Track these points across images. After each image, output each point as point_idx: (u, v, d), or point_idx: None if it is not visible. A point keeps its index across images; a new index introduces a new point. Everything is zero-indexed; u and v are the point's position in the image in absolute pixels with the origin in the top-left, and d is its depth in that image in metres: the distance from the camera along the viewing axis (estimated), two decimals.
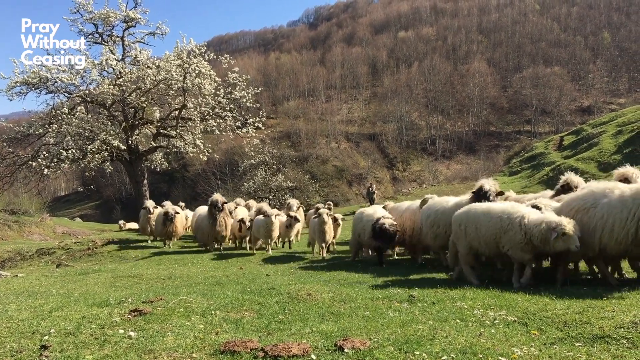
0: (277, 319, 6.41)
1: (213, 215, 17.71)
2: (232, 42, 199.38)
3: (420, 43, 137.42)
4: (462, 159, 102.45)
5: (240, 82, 26.61)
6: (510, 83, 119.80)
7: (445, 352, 4.69)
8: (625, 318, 5.60)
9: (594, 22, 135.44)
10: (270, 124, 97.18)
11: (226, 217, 18.09)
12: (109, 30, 26.00)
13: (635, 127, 39.99)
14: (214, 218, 17.71)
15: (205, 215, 18.45)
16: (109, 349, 5.01)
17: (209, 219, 17.93)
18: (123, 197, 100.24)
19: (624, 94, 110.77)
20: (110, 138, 23.20)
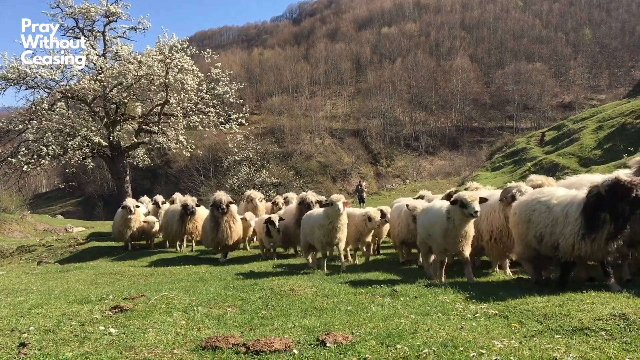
0: (260, 314, 6.41)
1: (215, 218, 14.49)
2: (215, 38, 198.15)
3: (404, 39, 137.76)
4: (445, 155, 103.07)
5: (224, 78, 26.48)
6: (492, 79, 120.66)
7: (427, 345, 4.72)
8: (604, 310, 5.67)
9: (575, 18, 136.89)
10: (254, 120, 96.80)
11: (232, 222, 14.78)
12: (90, 25, 25.69)
13: (615, 123, 40.47)
14: (217, 222, 14.48)
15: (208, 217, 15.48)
16: (89, 345, 4.96)
17: (210, 222, 14.86)
18: (105, 193, 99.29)
19: (605, 90, 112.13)
20: (91, 134, 22.96)
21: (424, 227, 9.46)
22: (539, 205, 7.78)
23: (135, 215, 18.12)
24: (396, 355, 4.47)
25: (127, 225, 17.98)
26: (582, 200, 7.05)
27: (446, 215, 8.58)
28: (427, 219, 9.41)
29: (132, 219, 18.02)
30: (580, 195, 7.18)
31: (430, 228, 9.19)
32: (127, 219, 17.98)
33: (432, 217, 9.21)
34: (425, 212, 9.78)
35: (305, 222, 12.15)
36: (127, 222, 17.95)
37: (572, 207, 7.16)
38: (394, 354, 4.52)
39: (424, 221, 9.57)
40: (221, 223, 14.55)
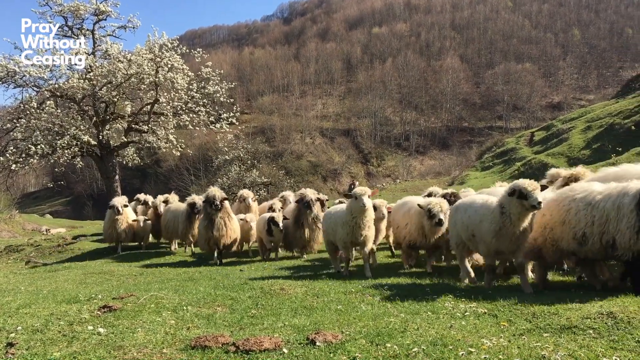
0: (250, 313, 6.39)
1: (209, 215, 13.74)
2: (205, 37, 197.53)
3: (394, 39, 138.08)
4: (435, 155, 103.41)
5: (214, 77, 26.36)
6: (482, 79, 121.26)
7: (416, 344, 4.73)
8: (592, 309, 5.71)
9: (564, 19, 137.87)
10: (245, 119, 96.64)
11: (228, 219, 13.91)
12: (79, 24, 25.49)
13: (603, 123, 40.82)
14: (210, 219, 13.69)
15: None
16: (77, 345, 4.93)
17: (203, 220, 14.09)
18: (94, 193, 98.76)
19: (593, 91, 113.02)
20: (80, 133, 22.77)
21: (465, 225, 8.26)
22: (575, 203, 7.14)
23: (123, 216, 17.35)
24: (386, 354, 4.48)
25: (115, 226, 17.21)
26: (637, 191, 6.47)
27: (499, 210, 7.42)
28: (470, 215, 8.14)
29: (119, 219, 17.22)
30: (631, 187, 6.63)
31: (475, 226, 7.95)
32: (114, 219, 17.23)
33: (477, 213, 7.96)
34: (464, 208, 8.50)
35: (327, 220, 10.98)
36: (115, 222, 17.20)
37: (625, 199, 6.58)
38: (384, 352, 4.53)
39: (464, 219, 8.29)
40: (215, 220, 13.60)
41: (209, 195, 13.74)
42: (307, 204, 13.08)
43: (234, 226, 14.12)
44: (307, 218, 13.49)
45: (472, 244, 8.30)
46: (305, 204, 13.11)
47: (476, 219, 7.93)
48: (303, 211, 13.17)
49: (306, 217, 13.48)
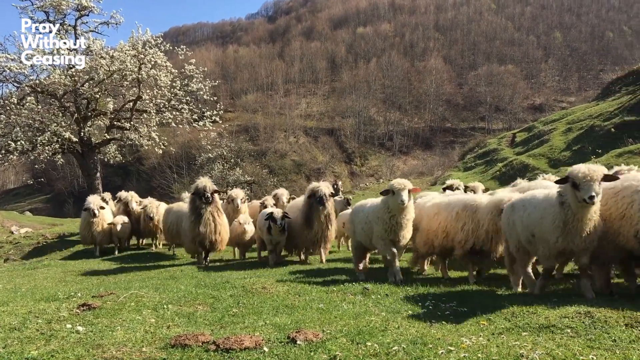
0: (231, 312, 6.38)
1: (197, 209, 12.31)
2: (189, 34, 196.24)
3: (379, 39, 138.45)
4: (418, 155, 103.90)
5: (197, 75, 26.22)
6: (465, 80, 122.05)
7: (397, 342, 4.76)
8: (569, 308, 5.79)
9: (546, 22, 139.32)
10: (228, 117, 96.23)
11: (217, 214, 12.50)
12: (61, 19, 25.18)
13: (584, 125, 41.28)
14: (198, 214, 12.26)
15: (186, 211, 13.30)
16: (55, 344, 4.88)
17: (190, 215, 12.55)
18: (75, 190, 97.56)
19: (574, 93, 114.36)
20: (61, 130, 22.53)
21: (525, 225, 7.05)
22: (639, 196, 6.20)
23: (99, 219, 16.20)
24: (366, 353, 4.50)
25: (91, 229, 16.17)
26: None
27: (559, 202, 6.39)
28: (530, 213, 6.96)
29: (95, 222, 16.11)
30: None
31: (536, 225, 6.79)
32: (89, 222, 16.13)
33: (537, 209, 6.80)
34: (522, 206, 7.26)
35: (356, 216, 9.80)
36: (90, 225, 16.12)
37: None
38: (364, 351, 4.55)
39: (524, 217, 7.07)
40: (204, 215, 12.16)
41: (198, 186, 12.21)
42: (321, 199, 11.43)
43: (225, 223, 12.77)
44: (319, 216, 11.73)
45: (532, 247, 7.06)
46: (319, 200, 11.45)
47: (536, 216, 6.78)
48: (315, 207, 11.56)
49: (318, 214, 11.70)
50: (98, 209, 16.09)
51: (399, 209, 8.43)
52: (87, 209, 16.10)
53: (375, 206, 9.15)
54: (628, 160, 24.60)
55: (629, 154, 25.76)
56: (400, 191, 8.23)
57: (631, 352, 4.28)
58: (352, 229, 10.10)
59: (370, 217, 9.12)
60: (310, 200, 11.69)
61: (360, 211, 9.70)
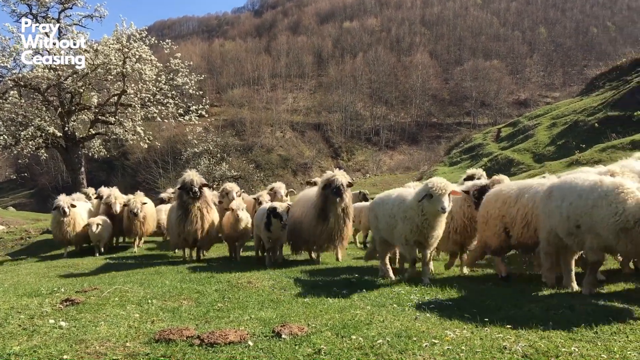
0: (216, 307, 6.37)
1: (184, 204, 11.57)
2: (174, 28, 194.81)
3: (365, 34, 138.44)
4: (404, 150, 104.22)
5: (183, 69, 26.07)
6: (451, 75, 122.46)
7: (381, 335, 4.77)
8: (552, 301, 5.86)
9: (531, 17, 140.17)
10: (214, 112, 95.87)
11: (207, 210, 11.77)
12: (44, 12, 24.90)
13: (568, 120, 41.65)
14: (185, 209, 11.55)
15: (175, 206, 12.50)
16: (38, 339, 4.84)
17: (176, 211, 11.88)
18: (59, 185, 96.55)
19: (559, 88, 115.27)
20: (45, 124, 22.33)
21: (566, 216, 6.41)
22: None
23: (70, 218, 14.73)
24: (351, 346, 4.51)
25: (61, 229, 14.74)
26: None
27: None
28: (572, 202, 6.27)
29: (65, 222, 14.65)
30: None
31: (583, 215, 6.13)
32: (60, 221, 14.67)
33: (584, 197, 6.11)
34: (561, 195, 6.59)
35: (380, 209, 8.66)
36: (60, 225, 14.69)
37: None
38: (349, 344, 4.56)
39: (564, 207, 6.41)
40: (192, 211, 11.43)
41: (185, 180, 11.42)
42: (338, 190, 10.15)
43: (214, 219, 12.06)
44: (336, 208, 10.50)
45: (574, 240, 6.41)
46: (335, 190, 10.17)
47: (584, 205, 6.12)
48: (331, 199, 10.30)
49: (335, 207, 10.47)
50: (68, 207, 14.69)
51: (437, 215, 7.39)
52: (57, 208, 14.67)
53: (402, 200, 7.92)
54: (611, 154, 24.88)
55: (612, 149, 26.05)
56: (441, 197, 7.07)
57: (613, 344, 4.33)
58: (374, 223, 9.01)
59: (395, 211, 8.02)
60: (325, 192, 10.40)
61: (385, 203, 8.53)
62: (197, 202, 11.53)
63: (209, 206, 11.82)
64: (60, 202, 14.64)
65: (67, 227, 14.73)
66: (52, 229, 15.76)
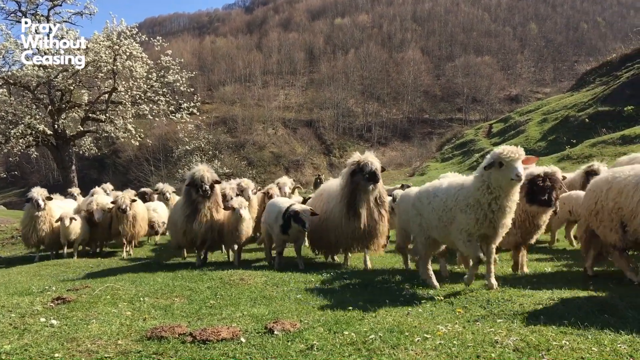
0: (208, 304, 6.35)
1: (192, 203, 10.36)
2: (165, 25, 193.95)
3: (357, 30, 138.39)
4: (396, 146, 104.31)
5: (174, 66, 26.00)
6: (443, 72, 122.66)
7: (374, 331, 4.78)
8: (543, 295, 5.89)
9: (522, 13, 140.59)
10: (206, 109, 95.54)
11: (216, 210, 10.59)
12: (33, 9, 24.75)
13: (559, 116, 41.79)
14: (194, 209, 10.34)
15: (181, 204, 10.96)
16: (29, 337, 4.81)
17: (183, 209, 10.58)
18: (50, 183, 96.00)
19: (549, 84, 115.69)
20: (35, 122, 22.24)
21: None
22: None
23: (46, 213, 12.97)
24: (343, 341, 4.52)
25: (35, 226, 12.82)
26: None
27: None
28: None
29: (40, 217, 12.79)
30: None
31: None
32: (33, 216, 12.79)
33: None
34: None
35: (426, 202, 7.17)
36: (34, 220, 12.79)
37: None
38: (341, 340, 4.57)
39: None
40: (201, 210, 10.26)
41: (195, 176, 10.25)
42: (373, 175, 8.43)
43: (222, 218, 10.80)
44: (368, 199, 8.79)
45: None
46: (369, 176, 8.44)
47: None
48: (362, 188, 8.56)
49: (367, 197, 8.76)
50: (43, 199, 12.86)
51: (510, 186, 6.07)
52: (30, 199, 12.80)
53: (459, 187, 6.70)
54: (602, 149, 25.03)
55: (602, 144, 26.19)
56: (514, 162, 5.94)
57: (603, 337, 4.36)
58: (416, 221, 7.51)
59: (452, 202, 6.66)
60: (354, 179, 8.65)
61: (433, 195, 7.10)
62: (207, 202, 10.36)
63: (219, 206, 10.69)
64: (34, 194, 12.80)
65: (41, 224, 12.85)
66: (22, 226, 13.53)
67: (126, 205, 13.21)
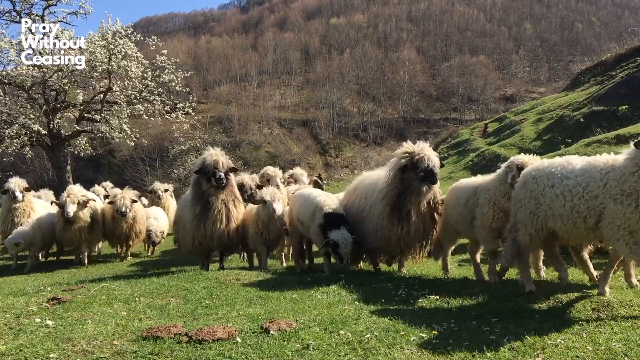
0: (204, 304, 6.34)
1: (203, 196, 8.72)
2: (160, 24, 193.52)
3: (352, 30, 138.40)
4: (392, 146, 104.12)
5: (169, 66, 25.96)
6: (438, 71, 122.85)
7: (369, 330, 4.79)
8: (539, 294, 5.91)
9: (517, 12, 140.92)
10: (201, 109, 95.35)
11: (235, 204, 8.97)
12: (28, 8, 24.73)
13: (554, 115, 41.87)
14: (206, 203, 8.70)
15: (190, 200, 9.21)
16: (24, 338, 4.79)
17: (193, 204, 8.94)
18: (45, 184, 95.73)
19: (544, 83, 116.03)
20: (30, 122, 22.18)
21: None
22: None
23: (25, 204, 11.94)
24: (339, 341, 4.53)
25: (13, 220, 11.74)
26: None
27: None
28: None
29: (18, 208, 11.75)
30: None
31: None
32: (11, 209, 11.75)
33: None
34: None
35: (547, 181, 5.79)
36: (12, 213, 11.75)
37: None
38: (337, 339, 4.57)
39: None
40: (214, 205, 8.58)
41: (206, 162, 8.58)
42: (431, 174, 6.93)
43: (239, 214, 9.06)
44: (419, 202, 7.31)
45: None
46: (425, 174, 6.94)
47: None
48: (414, 189, 7.08)
49: (419, 200, 7.26)
50: (21, 190, 11.83)
51: None
52: (7, 191, 11.75)
53: (609, 168, 5.28)
54: (597, 149, 25.09)
55: (597, 143, 26.23)
56: None
57: (598, 336, 4.39)
58: (529, 207, 6.04)
59: (598, 187, 5.26)
60: (405, 176, 7.16)
61: (560, 177, 5.66)
62: (221, 194, 8.62)
63: (237, 199, 8.89)
64: (11, 185, 11.77)
65: (20, 216, 11.80)
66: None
67: (126, 208, 11.72)
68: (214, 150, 8.89)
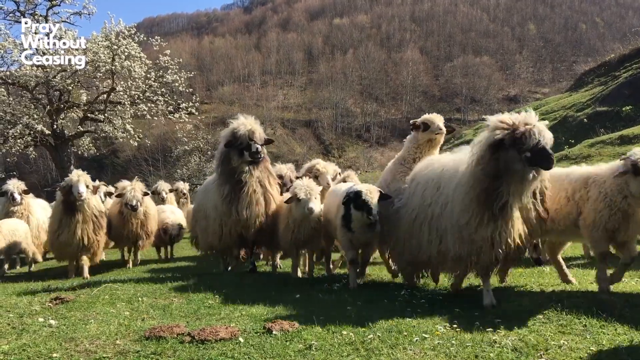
0: (207, 304, 6.34)
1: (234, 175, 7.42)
2: (163, 25, 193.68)
3: (355, 30, 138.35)
4: (395, 146, 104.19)
5: (172, 66, 25.99)
6: (441, 72, 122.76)
7: (372, 331, 4.79)
8: (541, 295, 5.89)
9: (520, 13, 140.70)
10: (205, 109, 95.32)
11: (269, 182, 7.77)
12: (32, 9, 24.76)
13: (557, 116, 41.77)
14: (238, 182, 7.41)
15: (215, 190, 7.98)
16: (27, 337, 4.80)
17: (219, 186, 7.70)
18: (49, 184, 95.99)
19: (548, 84, 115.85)
20: (33, 122, 22.24)
21: None
22: None
23: (23, 208, 11.18)
24: (341, 341, 4.52)
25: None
26: None
27: None
28: None
29: (15, 212, 10.98)
30: None
31: None
32: (9, 212, 10.96)
33: None
34: None
35: None
36: (9, 217, 10.76)
37: None
38: (340, 339, 4.57)
39: None
40: (250, 182, 7.28)
41: (239, 132, 7.28)
42: (541, 153, 4.97)
43: (278, 200, 7.88)
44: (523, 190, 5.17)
45: None
46: (530, 155, 4.93)
47: None
48: (516, 173, 5.01)
49: (523, 186, 5.13)
50: (20, 192, 11.12)
51: None
52: (5, 193, 11.00)
53: None
54: (600, 150, 25.02)
55: (601, 144, 26.18)
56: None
57: (601, 337, 4.37)
58: None
59: None
60: (503, 156, 5.06)
61: None
62: (256, 171, 7.31)
63: (271, 175, 7.58)
64: (9, 187, 11.06)
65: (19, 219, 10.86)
66: None
67: (137, 201, 10.07)
68: (245, 120, 7.49)
